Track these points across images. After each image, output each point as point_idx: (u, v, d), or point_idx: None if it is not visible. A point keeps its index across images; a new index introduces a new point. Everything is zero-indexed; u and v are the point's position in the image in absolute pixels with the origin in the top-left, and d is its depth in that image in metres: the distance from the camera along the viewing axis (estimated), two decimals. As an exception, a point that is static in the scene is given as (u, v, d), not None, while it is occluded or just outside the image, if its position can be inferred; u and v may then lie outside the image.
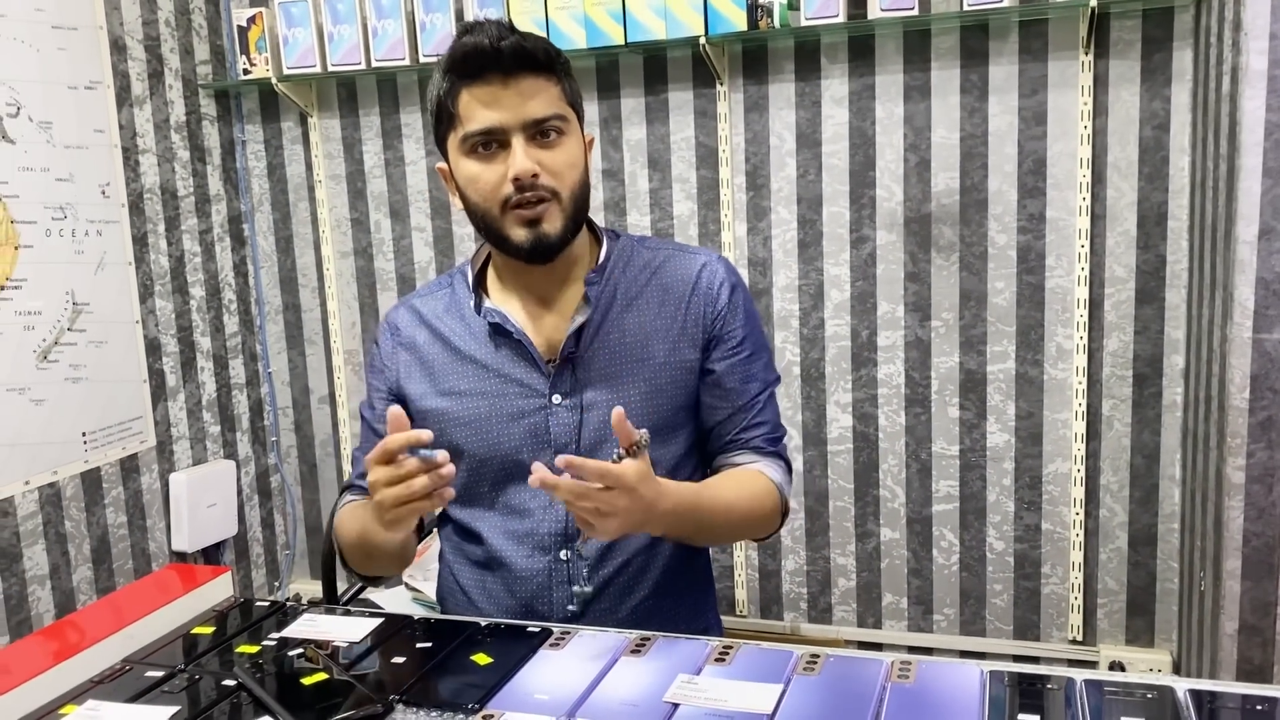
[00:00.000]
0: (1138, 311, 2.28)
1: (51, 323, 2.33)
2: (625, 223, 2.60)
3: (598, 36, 2.40)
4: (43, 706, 1.09)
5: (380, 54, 2.58)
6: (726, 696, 1.05)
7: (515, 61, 1.30)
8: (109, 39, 2.47)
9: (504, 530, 1.44)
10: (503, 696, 1.07)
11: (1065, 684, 1.05)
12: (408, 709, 1.06)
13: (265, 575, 3.02)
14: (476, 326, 1.44)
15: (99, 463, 2.46)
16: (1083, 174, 2.26)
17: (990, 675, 1.08)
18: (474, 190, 1.35)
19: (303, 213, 2.89)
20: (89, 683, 1.14)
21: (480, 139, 1.32)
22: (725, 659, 1.13)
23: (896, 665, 1.10)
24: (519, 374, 1.41)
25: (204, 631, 1.25)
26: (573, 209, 1.36)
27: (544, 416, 1.40)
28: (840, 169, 2.43)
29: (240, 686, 1.10)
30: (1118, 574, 2.39)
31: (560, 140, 1.35)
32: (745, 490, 1.41)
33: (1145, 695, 1.02)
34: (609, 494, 1.15)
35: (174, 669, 1.15)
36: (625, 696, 1.06)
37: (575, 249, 1.43)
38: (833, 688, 1.07)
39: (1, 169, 2.22)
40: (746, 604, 2.66)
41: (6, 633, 2.25)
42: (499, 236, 1.36)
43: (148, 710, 1.06)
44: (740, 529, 1.45)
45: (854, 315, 2.47)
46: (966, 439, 2.44)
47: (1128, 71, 2.22)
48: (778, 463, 1.49)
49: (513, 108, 1.31)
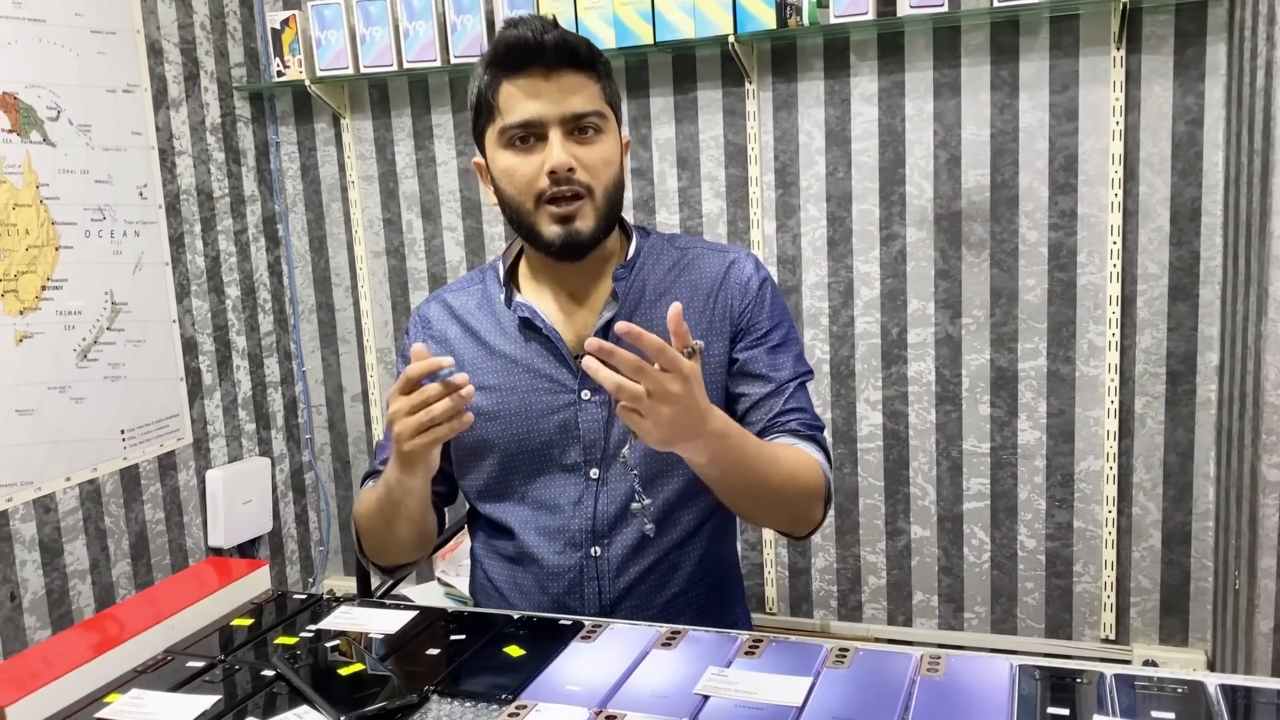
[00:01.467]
0: (1171, 308, 2.27)
1: (91, 322, 2.37)
2: (654, 221, 2.61)
3: (627, 36, 2.41)
4: (89, 694, 1.11)
5: (411, 55, 2.61)
6: (756, 689, 1.06)
7: (557, 56, 1.31)
8: (146, 43, 2.51)
9: (535, 526, 1.45)
10: (535, 688, 1.08)
11: (1096, 679, 1.05)
12: (442, 699, 1.08)
13: (300, 571, 3.05)
14: (507, 321, 1.45)
15: (137, 460, 2.50)
16: (1114, 170, 2.24)
17: (1020, 669, 1.08)
18: (509, 182, 1.36)
19: (336, 213, 2.92)
20: (132, 672, 1.16)
21: (519, 132, 1.33)
22: (755, 652, 1.14)
23: (926, 659, 1.10)
24: (548, 369, 1.42)
25: (242, 623, 1.27)
26: (606, 207, 1.37)
27: (573, 412, 1.41)
28: (870, 166, 2.43)
29: (278, 677, 1.12)
30: (1151, 572, 2.38)
31: (598, 138, 1.35)
32: (791, 457, 1.34)
33: (1176, 690, 1.02)
34: (665, 375, 1.09)
35: (214, 660, 1.18)
36: (656, 688, 1.07)
37: (607, 246, 1.44)
38: (862, 681, 1.07)
39: (42, 171, 2.26)
40: (776, 601, 2.67)
41: (49, 626, 2.29)
42: (531, 231, 1.37)
43: (189, 699, 1.08)
44: (784, 491, 1.33)
45: (884, 312, 2.47)
46: (997, 436, 2.43)
47: (1160, 66, 2.20)
48: (818, 449, 1.44)
49: (553, 101, 1.32)
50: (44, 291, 2.27)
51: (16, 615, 2.23)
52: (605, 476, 1.41)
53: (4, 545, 2.20)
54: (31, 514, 2.26)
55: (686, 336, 1.13)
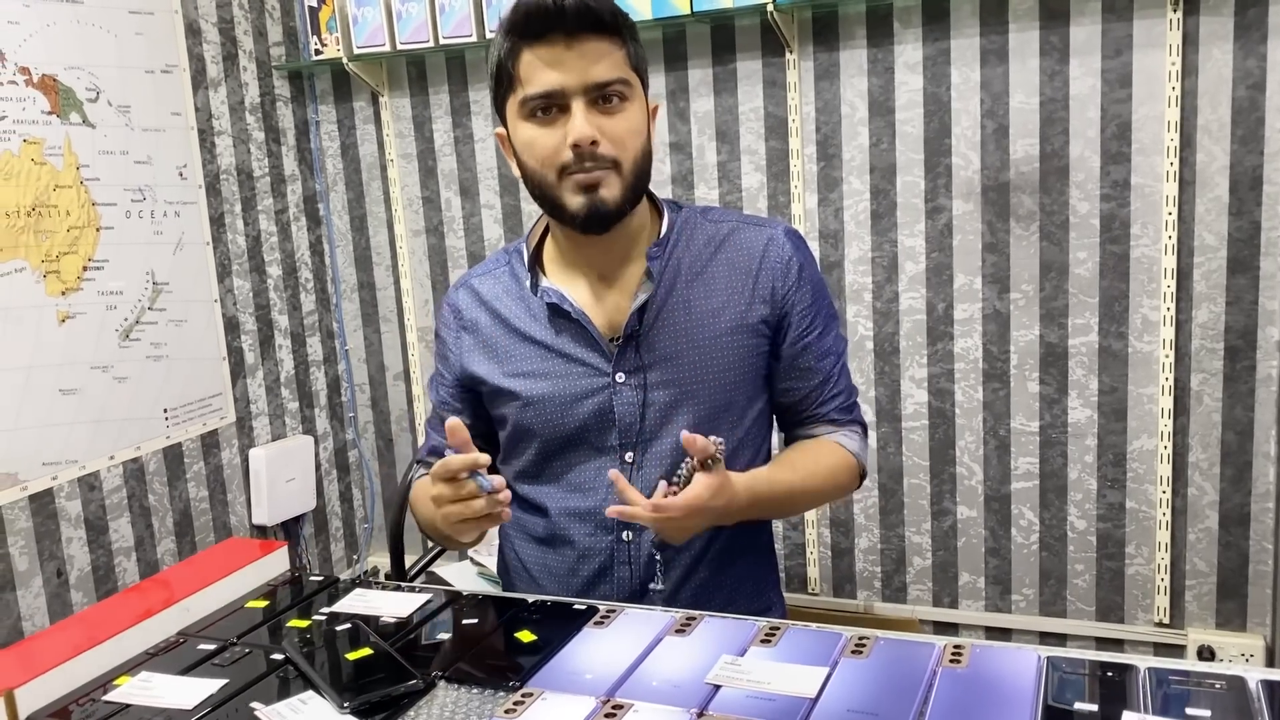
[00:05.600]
0: (1230, 281, 2.17)
1: (133, 302, 2.39)
2: (693, 196, 2.56)
3: (664, 7, 2.36)
4: (99, 677, 1.12)
5: (447, 31, 2.58)
6: (770, 679, 1.02)
7: (579, 22, 1.26)
8: (184, 23, 2.52)
9: (568, 508, 1.43)
10: (543, 675, 1.06)
11: (1128, 672, 1.00)
12: (449, 685, 1.06)
13: (344, 549, 3.07)
14: (536, 307, 1.42)
15: (180, 438, 2.52)
16: (1170, 138, 2.15)
17: (1049, 661, 1.03)
18: (531, 155, 1.32)
19: (375, 191, 2.92)
20: (144, 655, 1.16)
21: (540, 102, 1.29)
22: (771, 640, 1.10)
23: (949, 649, 1.06)
24: (581, 354, 1.39)
25: (257, 605, 1.27)
26: (633, 178, 1.32)
27: (608, 396, 1.38)
28: (915, 137, 2.36)
29: (287, 661, 1.11)
30: (1207, 555, 2.29)
31: (623, 106, 1.30)
32: (821, 465, 1.43)
33: (1215, 685, 0.97)
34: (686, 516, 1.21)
35: (226, 642, 1.17)
36: (667, 676, 1.04)
37: (635, 222, 1.39)
38: (881, 671, 1.03)
39: (83, 152, 2.28)
40: (819, 582, 2.62)
41: (96, 600, 2.33)
42: (555, 204, 1.33)
43: (197, 683, 1.08)
44: (815, 502, 1.50)
45: (929, 288, 2.40)
46: (1047, 414, 2.36)
47: (1219, 29, 2.10)
48: (854, 429, 1.50)
49: (575, 70, 1.26)
50: (85, 272, 2.29)
51: (64, 591, 2.27)
52: (640, 460, 1.39)
53: (50, 523, 2.24)
54: (77, 492, 2.29)
55: (705, 449, 1.19)
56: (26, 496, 2.19)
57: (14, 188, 2.15)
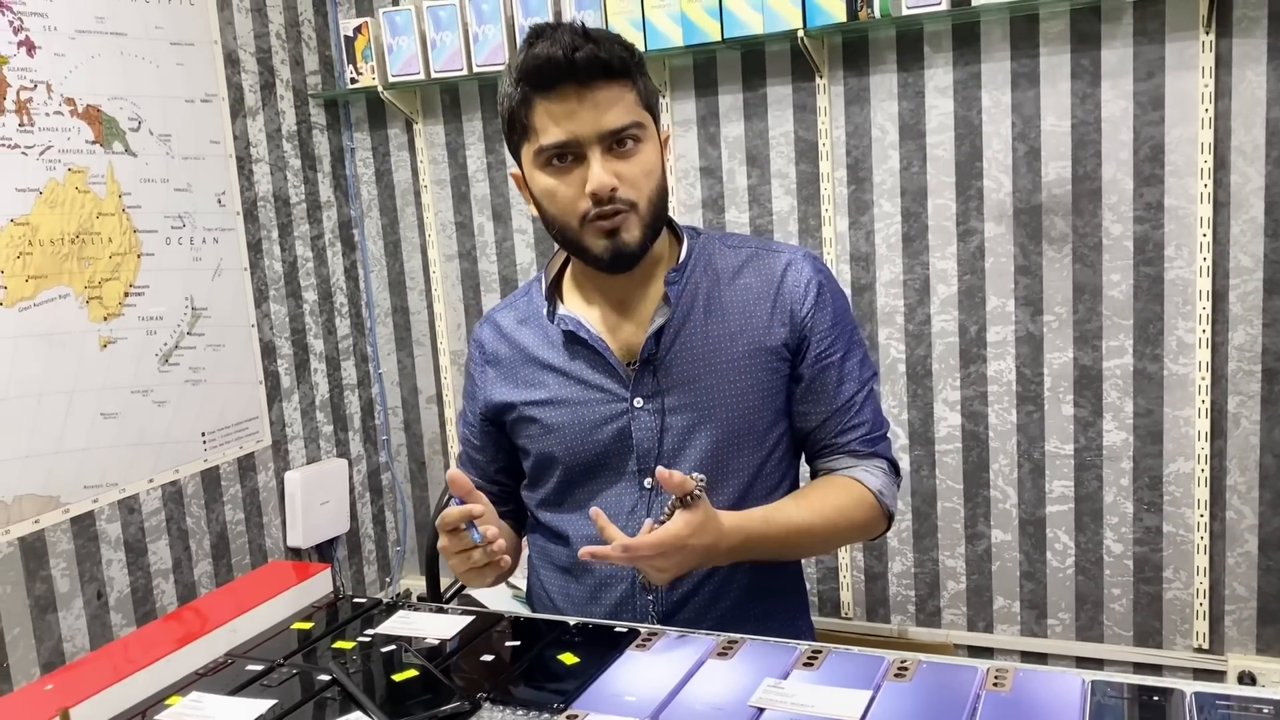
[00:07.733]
0: (1266, 303, 2.16)
1: (172, 327, 2.42)
2: (724, 220, 2.58)
3: (694, 34, 2.39)
4: (152, 695, 1.13)
5: (481, 59, 2.62)
6: (813, 702, 1.03)
7: (590, 72, 1.27)
8: (223, 53, 2.57)
9: (588, 535, 1.42)
10: (588, 697, 1.07)
11: (1174, 696, 1.00)
12: (494, 707, 1.07)
13: (377, 571, 3.09)
14: (553, 334, 1.43)
15: (218, 461, 2.55)
16: (1204, 159, 2.15)
17: (1094, 685, 1.03)
18: (551, 204, 1.33)
19: (409, 217, 2.95)
20: (194, 675, 1.18)
21: (556, 152, 1.30)
22: (814, 663, 1.11)
23: (993, 673, 1.06)
24: (598, 379, 1.40)
25: (303, 627, 1.28)
26: (651, 217, 1.34)
27: (626, 421, 1.38)
28: (945, 160, 2.36)
29: (334, 682, 1.12)
30: (1247, 579, 2.27)
31: (637, 148, 1.32)
32: (831, 503, 1.36)
33: (1262, 711, 0.97)
34: (661, 556, 1.19)
35: (273, 663, 1.19)
36: (711, 700, 1.05)
37: (655, 250, 1.41)
38: (924, 695, 1.04)
39: (125, 181, 2.32)
40: (852, 606, 2.62)
41: (134, 623, 2.36)
42: (578, 247, 1.35)
43: (246, 703, 1.09)
44: (829, 543, 1.43)
45: (962, 310, 2.40)
46: (1081, 437, 2.35)
47: (1253, 50, 2.10)
48: (878, 465, 1.43)
49: (589, 120, 1.27)
50: (126, 298, 2.33)
51: (103, 613, 2.30)
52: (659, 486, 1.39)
53: (91, 545, 2.27)
54: (117, 514, 2.32)
55: (683, 486, 1.18)
56: (68, 519, 2.22)
57: (59, 216, 2.19)
